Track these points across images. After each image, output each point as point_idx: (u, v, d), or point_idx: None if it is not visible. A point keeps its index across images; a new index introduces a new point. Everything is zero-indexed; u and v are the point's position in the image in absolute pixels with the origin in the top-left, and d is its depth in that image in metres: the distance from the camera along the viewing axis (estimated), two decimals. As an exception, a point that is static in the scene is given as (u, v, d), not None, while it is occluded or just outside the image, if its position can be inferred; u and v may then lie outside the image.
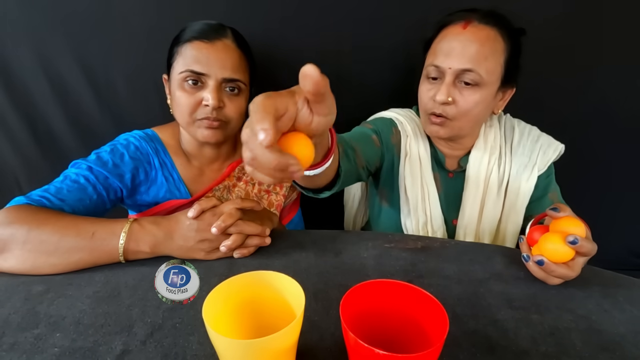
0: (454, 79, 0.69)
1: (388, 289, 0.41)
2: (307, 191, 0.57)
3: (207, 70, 0.69)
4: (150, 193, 0.78)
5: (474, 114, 0.70)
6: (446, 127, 0.72)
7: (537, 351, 0.45)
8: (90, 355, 0.43)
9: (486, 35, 0.67)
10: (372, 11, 0.89)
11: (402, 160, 0.80)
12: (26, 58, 0.88)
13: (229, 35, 0.72)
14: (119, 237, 0.56)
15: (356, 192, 0.99)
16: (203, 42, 0.69)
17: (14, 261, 0.55)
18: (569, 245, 0.51)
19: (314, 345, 0.44)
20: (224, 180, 0.82)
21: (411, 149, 0.80)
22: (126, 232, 0.57)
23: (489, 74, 0.67)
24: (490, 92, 0.70)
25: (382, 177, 0.84)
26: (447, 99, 0.69)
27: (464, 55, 0.67)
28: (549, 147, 0.78)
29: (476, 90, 0.68)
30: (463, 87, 0.69)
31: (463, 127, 0.73)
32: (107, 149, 0.73)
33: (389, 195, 0.85)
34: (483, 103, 0.70)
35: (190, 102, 0.70)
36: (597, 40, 0.94)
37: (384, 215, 0.87)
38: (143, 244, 0.57)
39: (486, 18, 0.68)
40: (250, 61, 0.76)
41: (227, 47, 0.71)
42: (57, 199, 0.62)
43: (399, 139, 0.80)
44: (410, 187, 0.80)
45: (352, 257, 0.61)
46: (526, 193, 0.77)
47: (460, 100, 0.69)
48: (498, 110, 0.75)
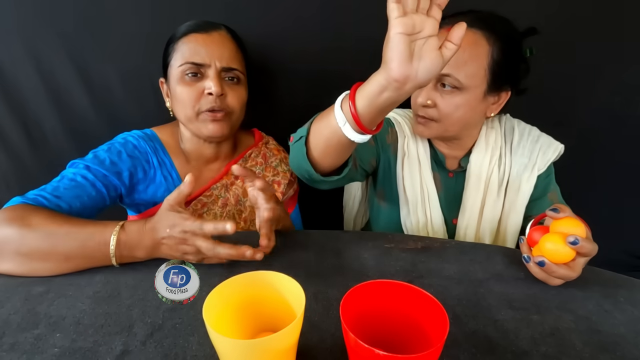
0: (435, 83, 0.70)
1: (388, 290, 0.41)
2: (311, 182, 0.60)
3: (206, 60, 0.70)
4: (148, 192, 0.78)
5: (456, 116, 0.71)
6: (429, 128, 0.74)
7: (537, 352, 0.45)
8: (90, 355, 0.43)
9: (468, 40, 0.66)
10: (373, 10, 0.89)
11: (400, 161, 0.80)
12: (19, 58, 0.88)
13: (223, 28, 0.74)
14: (109, 245, 0.54)
15: (356, 193, 0.99)
16: (199, 34, 0.71)
17: (11, 264, 0.54)
18: (570, 245, 0.51)
19: (314, 346, 0.44)
20: (222, 178, 0.82)
21: (409, 149, 0.80)
22: (114, 244, 0.54)
23: (469, 79, 0.67)
24: (473, 96, 0.69)
25: (379, 177, 0.84)
26: (426, 101, 0.70)
27: None
28: (548, 148, 0.78)
29: (456, 94, 0.69)
30: (444, 91, 0.69)
31: (448, 129, 0.73)
32: (105, 148, 0.73)
33: (387, 195, 0.85)
34: (465, 106, 0.70)
35: (192, 94, 0.71)
36: (597, 40, 0.94)
37: (383, 216, 0.87)
38: (137, 252, 0.55)
39: (474, 21, 0.67)
40: (245, 54, 0.77)
41: (223, 38, 0.72)
42: (54, 196, 0.62)
43: (395, 138, 0.81)
44: (409, 187, 0.80)
45: (353, 258, 0.61)
46: (526, 193, 0.77)
47: (441, 104, 0.70)
48: (491, 113, 0.74)
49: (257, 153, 0.87)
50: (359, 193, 0.99)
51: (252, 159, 0.86)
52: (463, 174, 0.80)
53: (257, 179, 0.60)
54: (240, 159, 0.85)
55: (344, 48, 0.92)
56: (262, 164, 0.87)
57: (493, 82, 0.69)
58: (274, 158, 0.88)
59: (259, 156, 0.87)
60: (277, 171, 0.87)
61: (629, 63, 0.97)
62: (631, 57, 0.96)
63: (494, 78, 0.69)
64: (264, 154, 0.88)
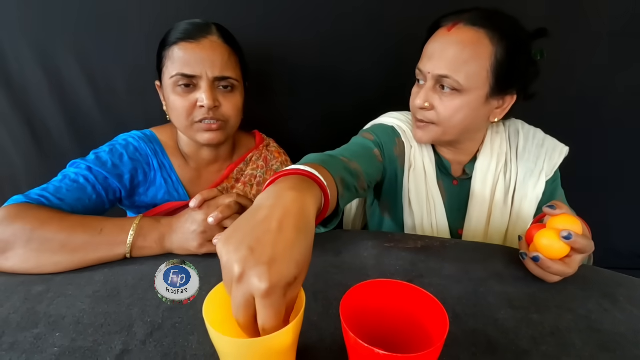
0: (435, 84, 0.67)
1: (388, 289, 0.40)
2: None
3: (197, 72, 0.68)
4: (148, 194, 0.78)
5: (457, 120, 0.67)
6: (427, 131, 0.70)
7: (537, 351, 0.45)
8: (90, 354, 0.43)
9: (469, 39, 0.63)
10: (372, 10, 0.89)
11: (407, 172, 0.77)
12: (25, 57, 0.88)
13: (214, 32, 0.71)
14: (128, 232, 0.57)
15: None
16: (189, 43, 0.68)
17: (17, 260, 0.55)
18: (564, 240, 0.51)
19: (314, 345, 0.44)
20: (222, 182, 0.82)
21: (415, 159, 0.76)
22: (135, 228, 0.58)
23: (470, 80, 0.64)
24: (474, 98, 0.65)
25: (384, 189, 0.81)
26: (424, 104, 0.67)
27: (442, 59, 0.64)
28: (554, 151, 0.75)
29: (456, 96, 0.65)
30: (443, 93, 0.66)
31: (447, 133, 0.70)
32: (106, 149, 0.73)
33: (391, 207, 0.82)
34: (466, 110, 0.66)
35: (185, 105, 0.70)
36: (597, 39, 0.94)
37: (386, 227, 0.85)
38: (150, 238, 0.58)
39: (476, 19, 0.63)
40: (239, 56, 0.75)
41: (214, 45, 0.69)
42: (56, 198, 0.62)
43: (403, 150, 0.77)
44: (415, 200, 0.77)
45: (353, 257, 0.61)
46: (533, 201, 0.74)
47: (440, 107, 0.67)
48: (494, 118, 0.71)
49: (259, 156, 0.86)
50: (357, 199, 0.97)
51: (253, 162, 0.85)
52: (467, 182, 0.78)
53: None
54: (241, 162, 0.84)
55: (343, 48, 0.92)
56: (263, 167, 0.86)
57: (497, 85, 0.65)
58: (275, 161, 0.88)
59: (260, 159, 0.86)
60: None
61: (629, 62, 0.97)
62: (631, 56, 0.96)
63: (497, 81, 0.65)
64: (265, 156, 0.87)
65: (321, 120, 1.03)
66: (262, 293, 0.31)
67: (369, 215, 0.91)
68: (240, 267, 0.32)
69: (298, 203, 0.37)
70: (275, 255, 0.32)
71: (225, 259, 0.33)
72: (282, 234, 0.34)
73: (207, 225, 0.57)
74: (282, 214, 0.35)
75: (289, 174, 0.44)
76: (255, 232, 0.34)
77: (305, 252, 0.35)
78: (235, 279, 0.32)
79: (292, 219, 0.35)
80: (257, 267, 0.31)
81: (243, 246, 0.32)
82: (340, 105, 1.00)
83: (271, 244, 0.33)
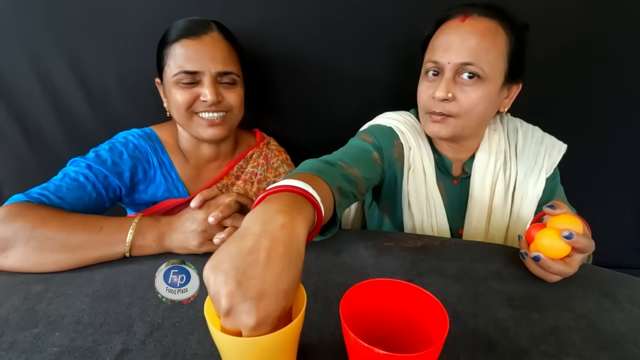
0: (454, 75, 0.66)
1: (388, 288, 0.40)
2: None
3: (199, 67, 0.69)
4: (148, 192, 0.78)
5: (477, 111, 0.67)
6: (448, 125, 0.68)
7: (537, 350, 0.45)
8: (89, 354, 0.43)
9: (486, 28, 0.64)
10: (372, 9, 0.88)
11: (406, 174, 0.76)
12: (16, 58, 0.87)
13: (214, 29, 0.72)
14: (127, 230, 0.57)
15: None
16: (190, 39, 0.69)
17: (17, 258, 0.55)
18: (565, 240, 0.51)
19: (314, 345, 0.44)
20: (222, 178, 0.82)
21: (415, 161, 0.76)
22: (134, 227, 0.58)
23: (491, 68, 0.64)
24: (493, 88, 0.66)
25: (383, 192, 0.80)
26: (447, 95, 0.65)
27: (463, 48, 0.64)
28: (553, 149, 0.75)
29: (478, 85, 0.65)
30: (464, 83, 0.65)
31: (466, 126, 0.69)
32: (106, 147, 0.73)
33: (391, 209, 0.82)
34: (487, 100, 0.66)
35: (187, 97, 0.70)
36: (597, 38, 0.93)
37: (385, 228, 0.84)
38: (149, 237, 0.58)
39: (486, 10, 0.65)
40: (239, 52, 0.76)
41: (215, 40, 0.71)
42: (57, 197, 0.62)
43: (401, 151, 0.76)
44: (414, 202, 0.76)
45: (352, 256, 0.61)
46: (534, 199, 0.74)
47: (462, 97, 0.66)
48: (504, 108, 0.72)
49: (259, 154, 0.87)
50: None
51: (253, 160, 0.86)
52: (467, 181, 0.77)
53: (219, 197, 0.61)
54: (242, 160, 0.85)
55: (343, 47, 0.92)
56: (263, 165, 0.86)
57: (509, 73, 0.67)
58: (275, 159, 0.88)
59: (260, 157, 0.87)
60: (278, 172, 0.87)
61: (629, 62, 0.97)
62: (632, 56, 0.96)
63: (510, 69, 0.67)
64: (266, 154, 0.87)
65: (321, 120, 1.03)
66: (250, 328, 0.31)
67: (368, 216, 0.91)
68: (227, 303, 0.31)
69: (287, 230, 0.35)
70: (263, 290, 0.32)
71: (212, 290, 0.32)
72: (270, 266, 0.32)
73: (207, 224, 0.58)
74: (270, 244, 0.34)
75: (281, 190, 0.43)
76: (242, 264, 0.32)
77: (293, 281, 0.34)
78: (223, 314, 0.32)
79: (281, 249, 0.34)
80: (245, 302, 0.31)
81: (230, 279, 0.31)
82: (340, 105, 1.00)
83: (259, 278, 0.32)
